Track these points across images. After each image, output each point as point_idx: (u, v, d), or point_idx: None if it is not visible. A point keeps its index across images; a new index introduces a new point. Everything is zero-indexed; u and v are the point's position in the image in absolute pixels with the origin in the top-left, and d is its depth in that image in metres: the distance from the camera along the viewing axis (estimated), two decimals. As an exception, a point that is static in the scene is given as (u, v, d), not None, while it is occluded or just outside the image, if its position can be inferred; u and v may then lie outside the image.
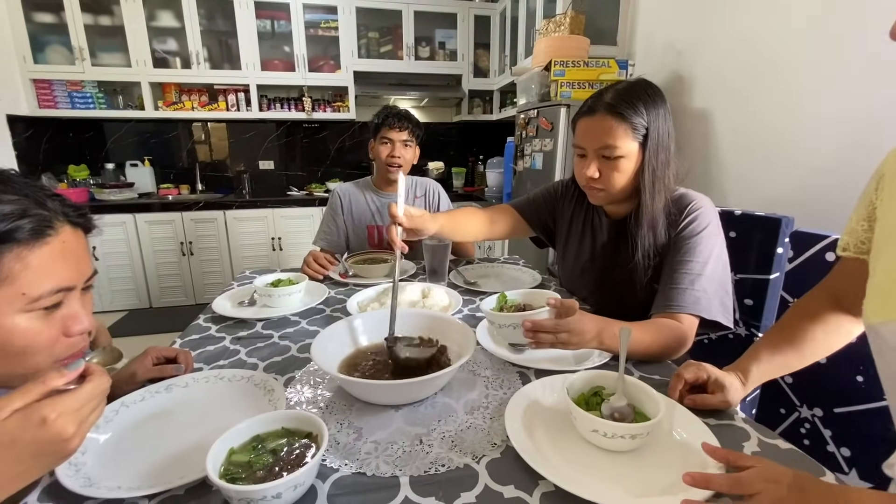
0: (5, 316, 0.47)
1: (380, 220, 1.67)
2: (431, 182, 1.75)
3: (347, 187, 1.69)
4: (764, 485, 0.45)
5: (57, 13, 2.92)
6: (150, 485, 0.50)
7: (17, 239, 0.47)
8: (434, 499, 0.50)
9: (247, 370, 0.76)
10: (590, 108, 0.96)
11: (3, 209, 0.46)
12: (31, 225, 0.48)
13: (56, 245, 0.50)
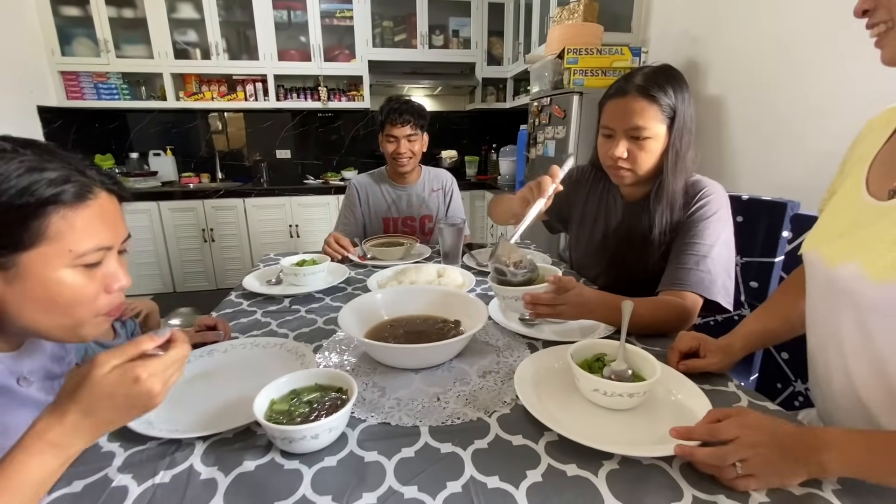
0: (54, 269, 0.53)
1: (395, 212, 1.73)
2: (446, 174, 1.81)
3: (364, 179, 1.76)
4: (741, 430, 0.50)
5: (83, 6, 3.01)
6: (202, 428, 0.57)
7: (62, 201, 0.52)
8: (451, 444, 0.57)
9: (279, 338, 0.83)
10: (619, 90, 1.00)
11: (50, 175, 0.52)
12: (74, 189, 0.53)
13: (95, 208, 0.56)
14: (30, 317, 0.53)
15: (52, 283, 0.53)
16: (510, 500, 0.49)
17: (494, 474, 0.52)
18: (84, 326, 0.57)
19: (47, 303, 0.53)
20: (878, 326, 0.56)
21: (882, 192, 0.59)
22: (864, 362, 0.58)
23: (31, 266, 0.51)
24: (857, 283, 0.57)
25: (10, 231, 0.50)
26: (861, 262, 0.56)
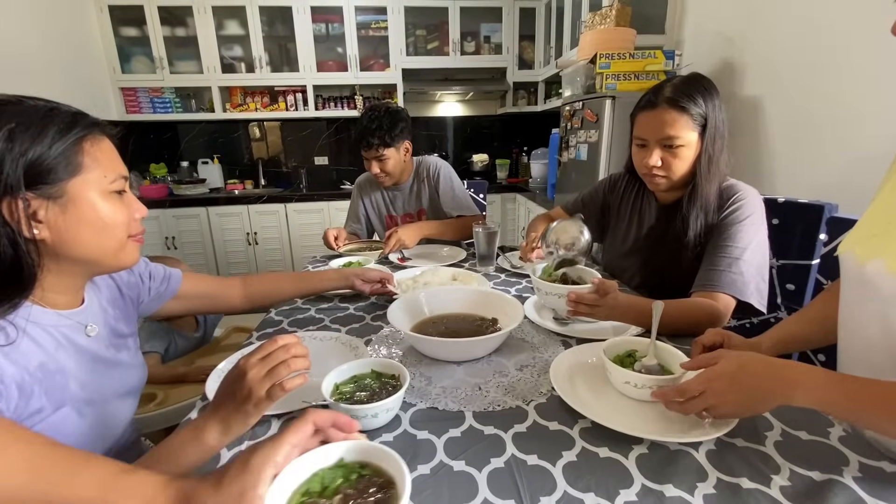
0: (95, 194, 0.61)
1: (393, 210, 1.83)
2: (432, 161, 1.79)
3: (366, 178, 1.85)
4: (706, 384, 0.57)
5: (140, 27, 3.25)
6: (277, 407, 0.66)
7: (90, 131, 0.61)
8: (493, 427, 0.63)
9: (333, 332, 0.92)
10: (650, 103, 1.04)
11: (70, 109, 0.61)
12: (91, 122, 0.63)
13: (107, 143, 0.64)
14: (84, 241, 0.61)
15: (98, 204, 0.61)
16: (548, 475, 0.55)
17: (533, 453, 0.58)
18: (124, 249, 0.66)
19: (96, 224, 0.61)
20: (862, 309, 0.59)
21: None
22: (885, 356, 0.61)
23: (78, 192, 0.60)
24: (882, 277, 0.60)
25: (69, 154, 0.58)
26: (886, 257, 0.59)
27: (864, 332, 0.64)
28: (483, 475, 0.55)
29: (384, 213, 1.83)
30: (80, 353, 0.66)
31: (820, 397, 0.53)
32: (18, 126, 0.56)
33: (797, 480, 0.53)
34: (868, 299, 0.63)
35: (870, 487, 0.52)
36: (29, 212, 0.56)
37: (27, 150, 0.56)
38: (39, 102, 0.60)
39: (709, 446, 0.59)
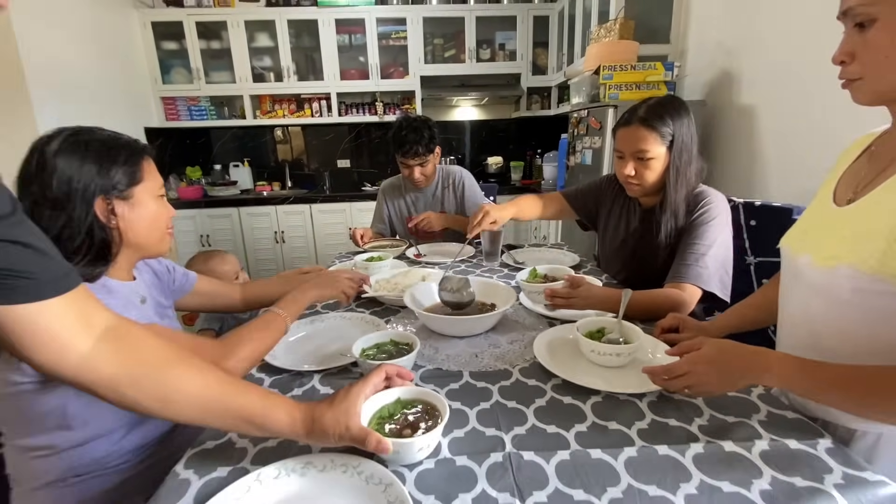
0: (153, 199, 0.84)
1: (414, 211, 2.00)
2: (456, 170, 2.00)
3: (389, 183, 2.05)
4: (691, 367, 0.68)
5: (179, 41, 3.52)
6: (318, 364, 0.86)
7: (144, 154, 0.84)
8: (484, 382, 0.81)
9: (358, 313, 1.11)
10: (626, 121, 1.21)
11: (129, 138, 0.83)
12: (144, 147, 0.85)
13: (152, 162, 0.86)
14: (143, 233, 0.83)
15: (152, 207, 0.84)
16: (522, 414, 0.72)
17: (512, 400, 0.76)
18: (163, 239, 0.89)
19: (150, 221, 0.84)
20: (815, 304, 0.73)
21: (842, 200, 0.76)
22: (805, 333, 0.76)
23: (140, 196, 0.82)
24: (807, 269, 0.74)
25: (133, 171, 0.80)
26: (812, 252, 0.74)
27: (792, 313, 0.80)
28: (473, 413, 0.73)
29: (405, 214, 2.02)
30: (137, 316, 0.86)
31: (784, 380, 0.65)
32: (101, 152, 0.78)
33: (714, 421, 0.70)
34: (796, 286, 0.78)
35: (775, 429, 0.68)
36: (110, 208, 0.78)
37: (110, 168, 0.78)
38: (106, 132, 0.83)
39: (651, 398, 0.76)
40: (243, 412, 0.60)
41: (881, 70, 0.60)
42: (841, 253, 0.65)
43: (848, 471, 0.59)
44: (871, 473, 0.59)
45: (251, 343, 0.83)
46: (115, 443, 0.77)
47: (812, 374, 0.62)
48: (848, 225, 0.67)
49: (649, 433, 0.68)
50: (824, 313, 0.70)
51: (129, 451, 0.78)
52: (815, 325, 0.73)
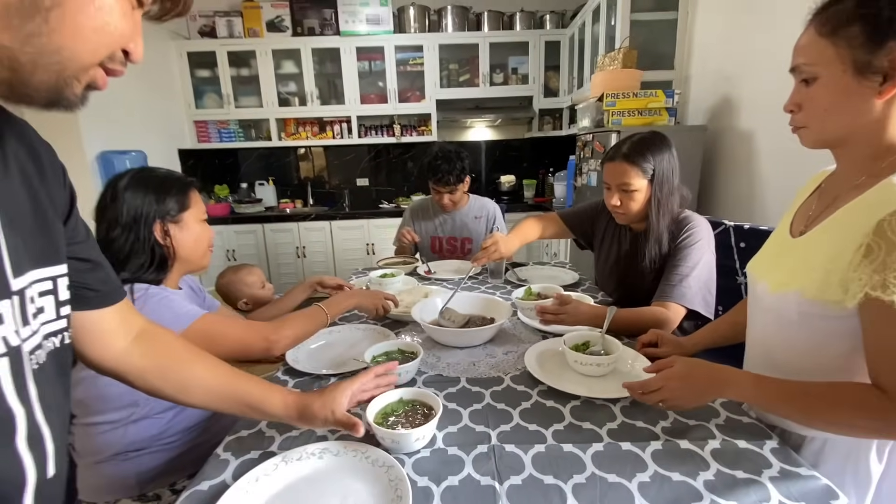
0: (197, 223, 1.01)
1: (441, 232, 2.14)
2: (490, 204, 2.16)
3: (418, 204, 2.20)
4: (665, 382, 0.77)
5: (212, 69, 3.78)
6: (335, 368, 0.98)
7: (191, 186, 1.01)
8: (478, 388, 0.93)
9: (371, 324, 1.24)
10: (611, 156, 1.32)
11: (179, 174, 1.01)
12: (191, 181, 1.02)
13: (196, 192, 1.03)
14: (190, 252, 1.00)
15: (196, 229, 1.01)
16: (508, 414, 0.84)
17: (502, 403, 0.87)
18: (205, 255, 1.05)
19: (195, 240, 1.01)
20: (770, 325, 0.83)
21: (796, 232, 0.86)
22: (761, 351, 0.86)
23: (188, 220, 0.99)
24: (764, 294, 0.85)
25: (182, 200, 0.98)
26: (768, 279, 0.84)
27: (753, 333, 0.89)
28: (466, 412, 0.84)
29: (430, 234, 2.17)
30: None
31: (741, 393, 0.74)
32: (158, 186, 0.96)
33: (676, 424, 0.80)
34: (756, 309, 0.88)
35: (729, 432, 0.77)
36: (165, 230, 0.96)
37: (165, 199, 0.96)
38: (162, 170, 1.01)
39: (624, 403, 0.86)
40: (246, 398, 0.73)
41: (821, 121, 0.71)
42: (790, 280, 0.75)
43: (786, 467, 0.69)
44: (805, 469, 0.68)
45: (295, 326, 1.03)
46: (167, 422, 0.92)
47: (764, 389, 0.72)
48: (797, 255, 0.77)
49: (617, 432, 0.78)
50: (776, 333, 0.80)
51: (178, 432, 0.93)
52: (769, 344, 0.82)
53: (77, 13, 0.40)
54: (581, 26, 3.39)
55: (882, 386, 0.61)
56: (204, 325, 0.91)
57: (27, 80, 0.40)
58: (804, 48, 0.69)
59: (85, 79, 0.44)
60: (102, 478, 0.89)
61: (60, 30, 0.40)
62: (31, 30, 0.39)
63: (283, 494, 0.65)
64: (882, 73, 0.61)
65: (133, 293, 0.87)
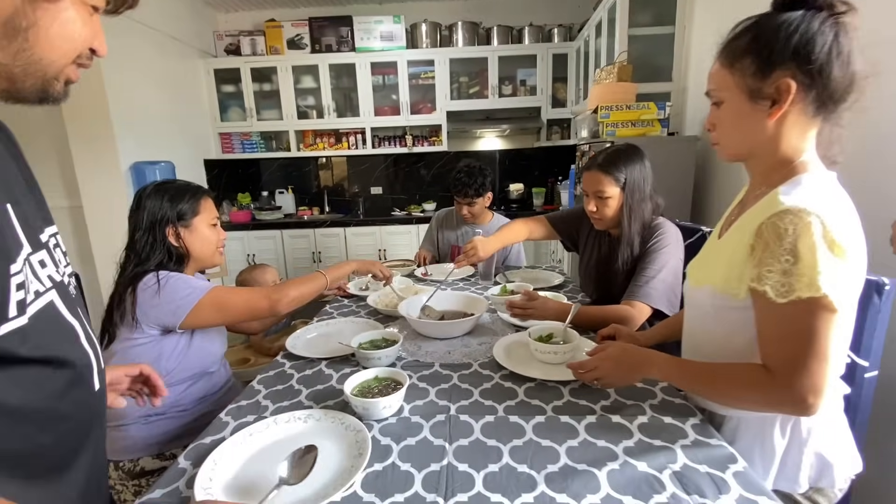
0: (207, 227, 1.17)
1: (461, 241, 2.27)
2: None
3: (443, 213, 2.36)
4: (598, 362, 0.89)
5: (236, 84, 4.03)
6: (328, 354, 1.13)
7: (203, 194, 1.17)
8: (449, 372, 1.06)
9: (364, 318, 1.39)
10: (588, 166, 1.45)
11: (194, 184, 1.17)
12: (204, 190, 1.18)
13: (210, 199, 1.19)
14: (199, 251, 1.17)
15: (206, 232, 1.17)
16: (470, 393, 0.96)
17: (466, 384, 1.00)
18: (214, 255, 1.22)
19: (203, 241, 1.18)
20: (693, 316, 0.94)
21: (721, 235, 0.95)
22: (689, 338, 0.96)
23: (198, 225, 1.15)
24: (687, 289, 0.95)
25: (193, 207, 1.13)
26: (692, 276, 0.95)
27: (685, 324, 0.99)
28: (433, 390, 0.98)
29: (451, 243, 2.32)
30: None
31: (663, 374, 0.86)
32: (173, 194, 1.13)
33: (615, 403, 0.91)
34: (687, 303, 0.98)
35: (659, 410, 0.88)
36: (176, 233, 1.12)
37: (178, 205, 1.12)
38: (180, 182, 1.18)
39: (573, 386, 0.98)
40: None
41: (729, 138, 0.82)
42: (705, 277, 0.86)
43: (700, 438, 0.79)
44: (716, 441, 0.78)
45: (297, 289, 1.19)
46: (182, 391, 1.09)
47: (678, 369, 0.83)
48: (714, 255, 0.88)
49: (560, 408, 0.90)
50: (699, 324, 0.91)
51: (192, 401, 1.10)
52: (694, 333, 0.93)
53: (47, 28, 0.51)
54: (586, 39, 3.50)
55: (767, 365, 0.71)
56: (216, 293, 1.08)
57: (21, 87, 0.53)
58: (713, 76, 0.81)
59: (62, 77, 0.55)
60: (128, 439, 1.05)
61: (38, 44, 0.51)
62: (16, 47, 0.50)
63: (269, 448, 0.79)
64: (770, 98, 0.72)
65: (158, 276, 1.04)
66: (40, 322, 0.55)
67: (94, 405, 0.64)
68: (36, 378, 0.55)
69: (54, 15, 0.51)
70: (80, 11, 0.54)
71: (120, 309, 1.04)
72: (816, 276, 0.63)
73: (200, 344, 1.14)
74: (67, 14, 0.52)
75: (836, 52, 0.67)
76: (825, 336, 0.65)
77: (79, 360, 0.60)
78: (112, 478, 1.07)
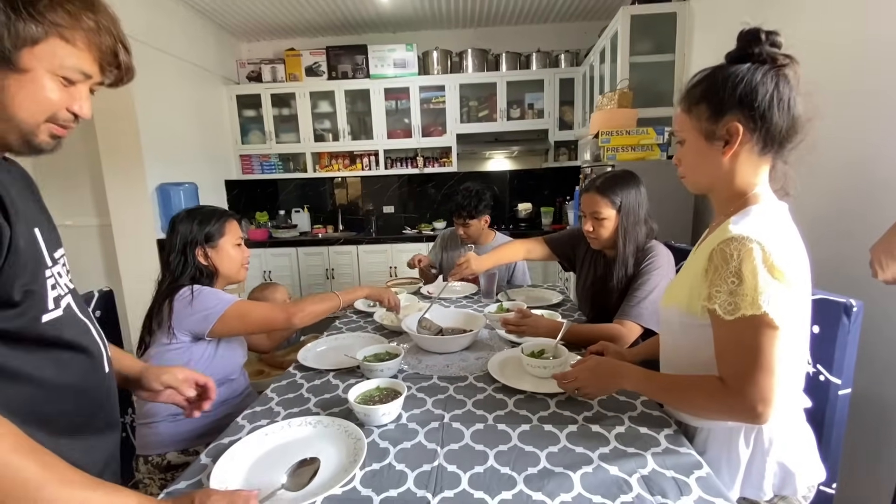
0: (231, 247, 1.30)
1: None
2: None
3: (448, 233, 2.47)
4: (577, 373, 0.98)
5: (256, 109, 4.25)
6: (336, 366, 1.22)
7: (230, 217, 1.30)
8: (446, 383, 1.15)
9: (368, 333, 1.49)
10: (586, 188, 1.54)
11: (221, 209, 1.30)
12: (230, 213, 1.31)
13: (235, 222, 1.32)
14: (226, 269, 1.30)
15: (230, 252, 1.30)
16: (463, 403, 1.05)
17: (461, 395, 1.09)
18: (239, 272, 1.34)
19: (230, 262, 1.32)
20: (665, 332, 1.02)
21: None
22: (664, 355, 1.03)
23: (222, 245, 1.28)
24: (662, 309, 1.03)
25: (220, 230, 1.26)
26: (664, 296, 1.03)
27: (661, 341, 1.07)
28: (430, 400, 1.06)
29: (455, 260, 2.40)
30: None
31: (635, 385, 0.94)
32: (201, 218, 1.26)
33: (597, 414, 0.99)
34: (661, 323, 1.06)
35: (637, 421, 0.96)
36: (204, 253, 1.25)
37: (206, 228, 1.25)
38: (208, 207, 1.31)
39: (559, 398, 1.05)
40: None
41: (692, 173, 0.91)
42: (673, 297, 0.94)
43: (671, 447, 0.86)
44: (686, 449, 0.85)
45: (313, 305, 1.29)
46: None
47: (648, 381, 0.92)
48: (681, 277, 0.96)
49: (546, 418, 0.98)
50: (670, 340, 0.99)
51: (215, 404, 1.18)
52: (667, 349, 1.01)
53: (15, 96, 0.60)
54: (592, 65, 3.62)
55: (721, 377, 0.79)
56: (239, 305, 1.20)
57: (7, 141, 0.63)
58: (676, 119, 0.90)
59: (42, 132, 0.64)
60: (157, 435, 1.17)
61: (10, 106, 0.60)
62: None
63: (280, 447, 0.89)
64: (723, 139, 0.82)
65: (192, 289, 1.17)
66: (68, 316, 0.72)
67: (105, 383, 0.79)
68: (68, 360, 0.71)
69: (22, 83, 0.61)
70: (53, 81, 0.63)
71: (158, 318, 1.18)
72: (758, 296, 0.71)
73: (224, 353, 1.25)
74: (38, 83, 0.61)
75: (777, 99, 0.77)
76: (769, 350, 0.73)
77: (94, 349, 0.76)
78: (140, 471, 1.18)
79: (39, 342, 0.67)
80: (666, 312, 0.97)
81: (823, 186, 1.60)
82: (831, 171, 1.56)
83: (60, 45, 0.62)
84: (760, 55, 0.78)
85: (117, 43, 0.67)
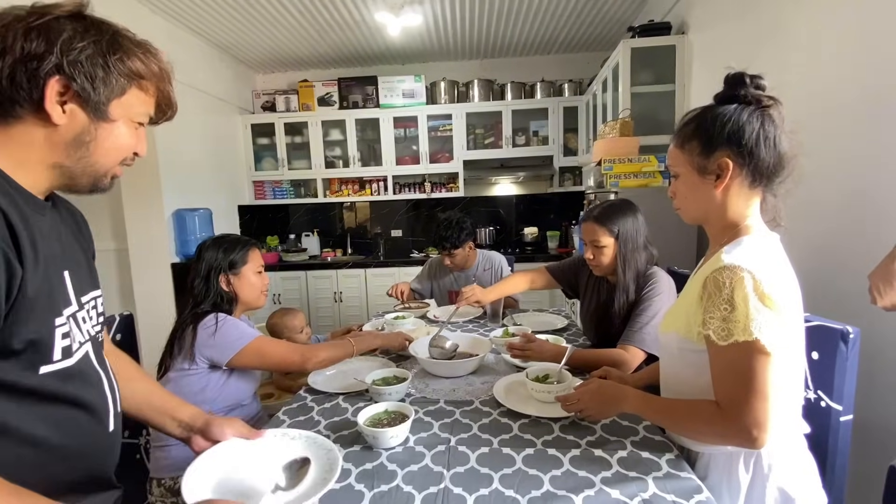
0: (253, 274, 1.37)
1: (456, 286, 2.43)
2: (496, 257, 2.46)
3: (438, 260, 2.51)
4: (580, 395, 1.02)
5: (270, 137, 4.39)
6: (345, 389, 1.26)
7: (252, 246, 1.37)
8: (452, 407, 1.17)
9: (377, 357, 1.52)
10: (585, 217, 1.59)
11: (244, 237, 1.36)
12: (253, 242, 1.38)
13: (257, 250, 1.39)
14: (246, 295, 1.36)
15: (252, 279, 1.35)
16: (469, 427, 1.08)
17: (468, 419, 1.12)
18: (259, 298, 1.39)
19: (249, 287, 1.38)
20: (664, 357, 1.05)
21: None
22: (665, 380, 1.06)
23: (244, 272, 1.34)
24: (659, 333, 1.06)
25: (242, 258, 1.32)
26: (663, 323, 1.06)
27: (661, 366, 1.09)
28: (437, 424, 1.09)
29: (447, 289, 2.48)
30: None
31: (634, 408, 0.98)
32: (225, 247, 1.32)
33: (600, 439, 1.01)
34: (661, 349, 1.09)
35: (639, 446, 0.98)
36: (227, 280, 1.30)
37: (230, 255, 1.31)
38: (232, 236, 1.37)
39: (564, 423, 1.08)
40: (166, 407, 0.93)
41: (686, 205, 0.96)
42: (671, 323, 0.97)
43: (672, 471, 0.88)
44: (687, 474, 0.88)
45: (328, 352, 1.36)
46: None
47: (647, 404, 0.95)
48: (679, 304, 1.00)
49: (549, 442, 1.00)
50: (670, 365, 1.02)
51: None
52: (667, 374, 1.04)
53: (104, 142, 0.66)
54: (595, 94, 3.73)
55: (717, 401, 0.82)
56: (259, 342, 1.25)
57: (77, 182, 0.68)
58: (669, 155, 0.96)
59: (110, 174, 0.71)
60: (169, 458, 1.20)
61: (96, 152, 0.66)
62: (79, 155, 0.65)
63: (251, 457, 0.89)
64: (714, 173, 0.87)
65: (217, 318, 1.22)
66: (80, 367, 0.68)
67: (106, 443, 0.74)
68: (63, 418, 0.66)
69: (110, 131, 0.67)
70: (129, 127, 0.70)
71: (180, 342, 1.23)
72: (749, 322, 0.75)
73: (237, 381, 1.30)
74: (119, 130, 0.68)
75: (763, 137, 0.82)
76: (763, 375, 0.76)
77: (99, 405, 0.72)
78: (154, 494, 1.21)
79: (33, 395, 0.62)
80: (665, 338, 1.01)
81: (822, 216, 1.63)
82: (829, 202, 1.61)
83: (137, 93, 0.68)
84: (746, 97, 0.84)
85: (170, 85, 0.73)
